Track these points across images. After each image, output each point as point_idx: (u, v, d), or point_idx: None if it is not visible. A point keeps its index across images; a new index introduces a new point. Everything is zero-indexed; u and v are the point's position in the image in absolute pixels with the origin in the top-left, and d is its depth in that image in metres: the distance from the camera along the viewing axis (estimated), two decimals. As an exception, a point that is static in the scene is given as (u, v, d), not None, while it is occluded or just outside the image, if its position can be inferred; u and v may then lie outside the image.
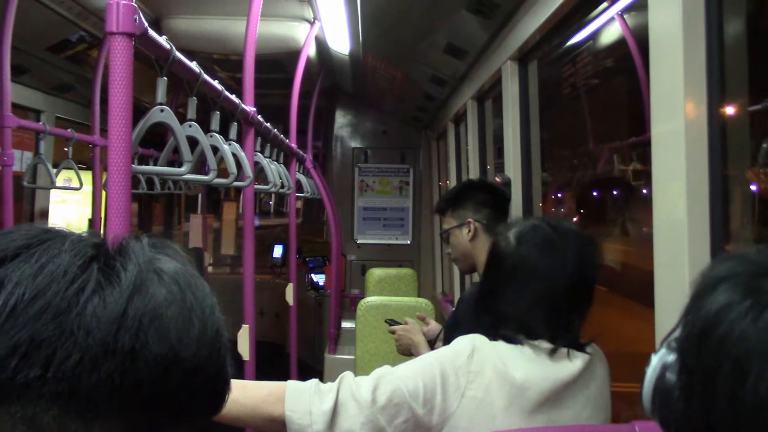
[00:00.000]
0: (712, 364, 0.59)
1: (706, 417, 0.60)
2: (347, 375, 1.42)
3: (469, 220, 2.27)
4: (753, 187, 1.45)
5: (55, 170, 3.36)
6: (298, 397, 1.38)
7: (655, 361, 0.69)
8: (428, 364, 1.41)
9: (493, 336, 1.45)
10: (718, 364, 0.59)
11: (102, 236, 0.61)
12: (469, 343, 1.41)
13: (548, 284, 1.43)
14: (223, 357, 0.62)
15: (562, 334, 1.42)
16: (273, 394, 1.39)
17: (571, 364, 1.40)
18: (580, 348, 1.43)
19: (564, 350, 1.41)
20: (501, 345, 1.42)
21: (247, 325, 2.41)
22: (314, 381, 1.42)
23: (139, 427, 0.56)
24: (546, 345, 1.41)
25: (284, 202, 8.64)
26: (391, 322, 2.49)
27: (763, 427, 0.55)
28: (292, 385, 1.40)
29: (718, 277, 0.62)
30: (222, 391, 0.62)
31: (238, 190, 7.38)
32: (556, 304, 1.42)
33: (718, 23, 1.24)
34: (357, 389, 1.37)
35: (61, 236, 0.58)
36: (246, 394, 1.40)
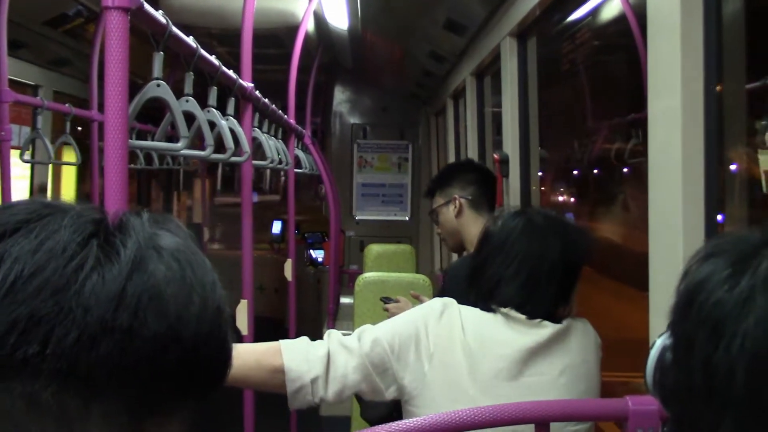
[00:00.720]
0: (691, 331, 0.62)
1: (688, 384, 0.62)
2: (333, 331, 1.52)
3: (455, 196, 2.34)
4: (732, 167, 1.48)
5: (52, 145, 3.36)
6: (294, 348, 1.47)
7: (659, 342, 0.72)
8: (405, 321, 1.50)
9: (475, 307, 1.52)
10: (696, 331, 0.61)
11: (102, 211, 0.60)
12: (441, 305, 1.50)
13: (525, 261, 1.50)
14: (224, 333, 0.61)
15: (534, 306, 1.48)
16: (271, 348, 1.47)
17: (539, 331, 1.46)
18: (554, 320, 1.48)
19: (535, 320, 1.47)
20: (468, 309, 1.51)
21: (246, 300, 2.43)
22: (305, 338, 1.52)
23: (138, 404, 0.56)
24: (515, 314, 1.47)
25: (274, 180, 8.65)
26: (386, 300, 2.54)
27: (733, 389, 0.57)
28: (286, 341, 1.50)
29: (708, 253, 0.64)
30: (224, 367, 0.62)
31: (210, 167, 7.36)
32: (533, 279, 1.49)
33: (716, 1, 1.24)
34: (344, 340, 1.48)
35: (61, 211, 0.57)
36: (246, 349, 1.50)
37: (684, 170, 1.24)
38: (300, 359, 1.44)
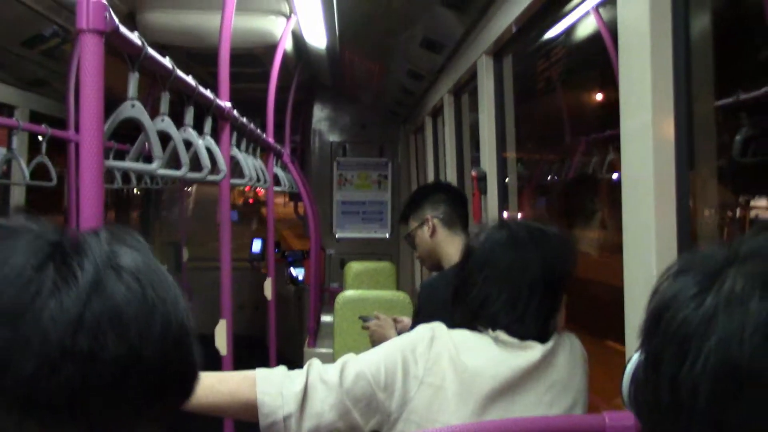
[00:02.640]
0: (659, 348, 0.62)
1: (656, 400, 0.63)
2: (315, 361, 1.47)
3: (428, 217, 2.36)
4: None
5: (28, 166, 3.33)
6: (269, 381, 1.42)
7: (635, 357, 0.73)
8: (391, 350, 1.45)
9: (460, 327, 1.49)
10: (663, 348, 0.62)
11: (60, 232, 0.59)
12: (430, 331, 1.46)
13: (508, 278, 1.47)
14: (188, 351, 0.61)
15: (523, 325, 1.45)
16: (246, 379, 1.43)
17: (529, 353, 1.43)
18: (542, 339, 1.46)
19: (525, 342, 1.44)
20: (458, 333, 1.47)
21: (225, 320, 2.41)
22: (283, 367, 1.47)
23: (103, 428, 0.55)
24: (504, 336, 1.44)
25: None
26: (365, 319, 2.56)
27: (697, 406, 0.58)
28: (262, 371, 1.45)
29: (677, 270, 0.65)
30: (189, 385, 0.62)
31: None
32: (517, 298, 1.46)
33: (684, 19, 1.26)
34: (325, 373, 1.42)
35: (15, 234, 0.56)
36: (221, 380, 1.45)
37: (656, 186, 1.26)
38: (274, 393, 1.40)
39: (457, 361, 1.41)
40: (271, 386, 1.41)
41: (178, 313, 0.59)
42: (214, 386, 1.41)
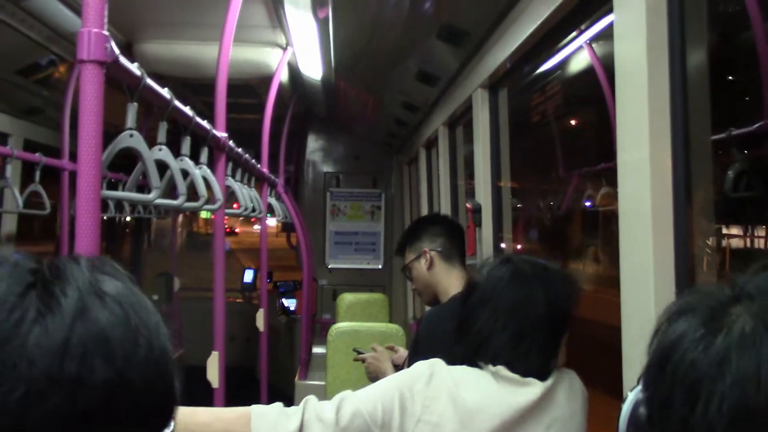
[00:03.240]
0: (667, 391, 0.61)
1: None
2: (311, 398, 1.45)
3: (425, 249, 2.35)
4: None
5: (22, 194, 3.32)
6: (264, 419, 1.40)
7: (631, 396, 0.71)
8: (388, 388, 1.44)
9: (460, 363, 1.47)
10: (672, 391, 0.61)
11: (38, 261, 0.59)
12: (428, 368, 1.45)
13: (513, 313, 1.47)
14: (171, 374, 0.61)
15: (524, 362, 1.44)
16: (241, 417, 1.40)
17: (529, 390, 1.42)
18: (542, 376, 1.45)
19: (525, 378, 1.43)
20: (458, 370, 1.46)
21: (217, 352, 2.39)
22: (279, 404, 1.44)
23: None
24: (505, 372, 1.43)
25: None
26: (358, 352, 2.55)
27: None
28: (257, 408, 1.42)
29: (679, 310, 0.65)
30: (170, 408, 0.61)
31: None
32: (521, 334, 1.45)
33: (681, 54, 1.27)
34: (321, 411, 1.40)
35: None
36: (216, 417, 1.43)
37: (654, 220, 1.26)
38: (268, 430, 1.38)
39: (457, 397, 1.39)
40: (266, 424, 1.39)
41: (160, 338, 0.60)
42: (210, 424, 1.39)
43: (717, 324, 0.60)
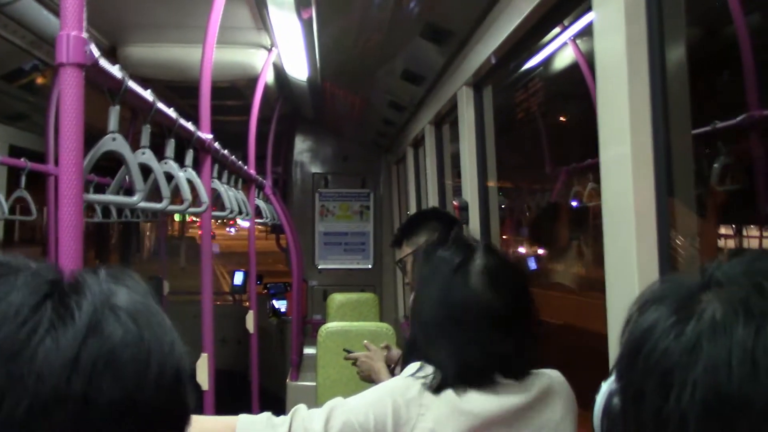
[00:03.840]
0: (639, 381, 0.61)
1: None
2: (300, 408, 1.41)
3: (422, 244, 2.33)
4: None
5: (7, 200, 3.31)
6: (250, 431, 1.37)
7: (604, 387, 0.71)
8: (380, 396, 1.40)
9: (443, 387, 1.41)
10: (644, 381, 0.60)
11: (59, 271, 0.58)
12: (421, 374, 1.41)
13: (488, 322, 1.41)
14: (183, 397, 0.60)
15: (509, 366, 1.41)
16: (227, 429, 1.38)
17: (524, 392, 1.40)
18: (526, 374, 1.43)
19: (520, 379, 1.41)
20: None
21: (206, 354, 2.39)
22: (266, 414, 1.41)
23: None
24: (499, 378, 1.40)
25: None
26: (348, 351, 2.54)
27: None
28: (244, 418, 1.40)
29: (650, 299, 0.64)
30: (180, 429, 0.60)
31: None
32: (483, 342, 1.40)
33: (660, 50, 1.28)
34: (309, 422, 1.37)
35: (15, 270, 0.55)
36: (202, 427, 1.40)
37: (636, 215, 1.27)
38: None
39: (456, 403, 1.36)
40: None
41: (173, 357, 0.58)
42: None
43: (687, 312, 0.60)
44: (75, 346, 0.52)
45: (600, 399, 0.71)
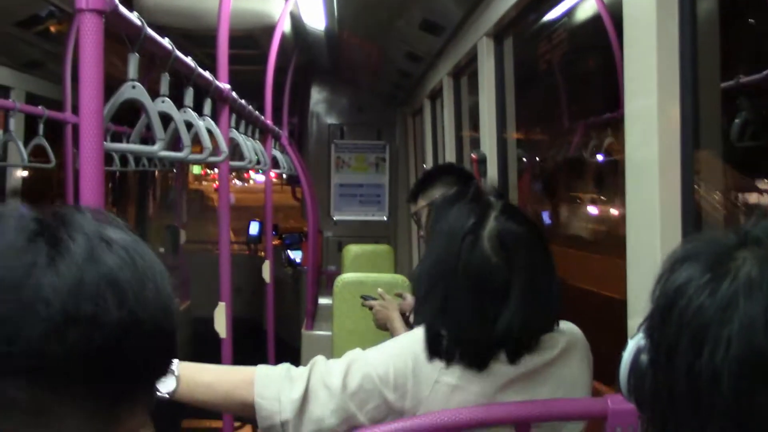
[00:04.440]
0: (673, 338, 0.61)
1: (670, 390, 0.62)
2: (319, 360, 1.40)
3: (436, 198, 2.32)
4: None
5: (25, 147, 3.32)
6: (268, 384, 1.36)
7: (632, 344, 0.71)
8: (401, 348, 1.38)
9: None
10: (678, 337, 0.61)
11: (42, 211, 0.60)
12: None
13: (501, 287, 1.33)
14: (176, 319, 0.63)
15: (532, 331, 1.36)
16: (245, 379, 1.38)
17: (547, 352, 1.37)
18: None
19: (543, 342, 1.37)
20: None
21: (224, 303, 2.41)
22: (285, 366, 1.40)
23: (109, 392, 0.56)
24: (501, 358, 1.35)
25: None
26: (366, 298, 2.55)
27: (718, 395, 0.57)
28: (262, 370, 1.39)
29: (683, 256, 0.64)
30: (173, 351, 0.63)
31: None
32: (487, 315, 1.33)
33: (690, 1, 1.25)
34: (328, 376, 1.35)
35: (1, 215, 0.57)
36: (219, 378, 1.40)
37: (660, 168, 1.26)
38: (272, 397, 1.34)
39: None
40: (268, 390, 1.35)
41: (165, 283, 0.61)
42: (212, 385, 1.38)
43: (723, 269, 0.60)
44: (76, 272, 0.54)
45: (627, 355, 0.71)
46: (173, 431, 4.93)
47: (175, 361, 1.38)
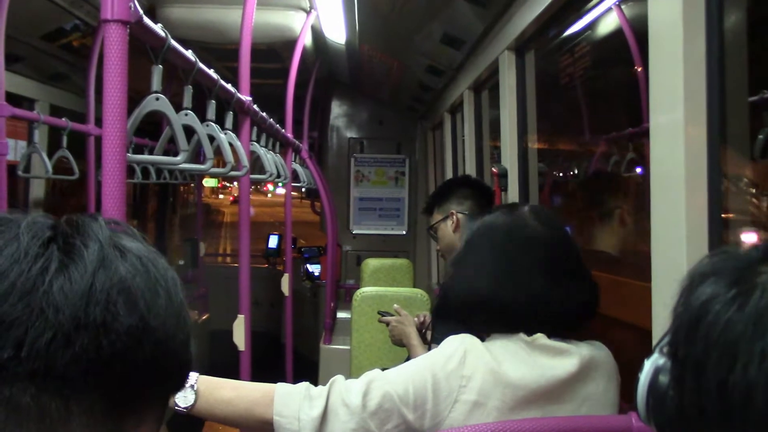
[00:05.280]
0: (701, 354, 0.60)
1: (699, 408, 0.60)
2: (338, 379, 1.40)
3: (452, 211, 2.35)
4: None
5: (49, 159, 3.35)
6: (287, 402, 1.36)
7: (648, 365, 0.70)
8: (419, 368, 1.38)
9: (479, 332, 1.42)
10: (707, 353, 0.60)
11: (55, 218, 0.61)
12: (460, 345, 1.38)
13: (545, 256, 1.42)
14: (189, 328, 0.63)
15: (557, 328, 1.39)
16: (265, 397, 1.37)
17: (568, 361, 1.36)
18: (576, 339, 1.40)
19: (561, 345, 1.38)
20: (494, 344, 1.40)
21: (243, 316, 2.41)
22: (305, 385, 1.40)
23: (116, 401, 0.56)
24: (543, 341, 1.38)
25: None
26: (383, 314, 2.56)
27: (752, 410, 0.56)
28: (282, 388, 1.39)
29: (705, 272, 0.64)
30: (188, 362, 0.63)
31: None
32: (554, 279, 1.40)
33: (718, 15, 1.23)
34: (347, 394, 1.35)
35: (15, 221, 0.58)
36: (239, 395, 1.40)
37: (687, 183, 1.23)
38: (291, 416, 1.34)
39: (499, 372, 1.33)
40: (288, 408, 1.35)
41: (177, 291, 0.62)
42: (232, 401, 1.37)
43: (749, 284, 0.59)
44: (87, 278, 0.55)
45: (644, 376, 0.70)
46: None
47: (195, 375, 1.38)
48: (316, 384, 1.42)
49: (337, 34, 4.11)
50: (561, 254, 1.43)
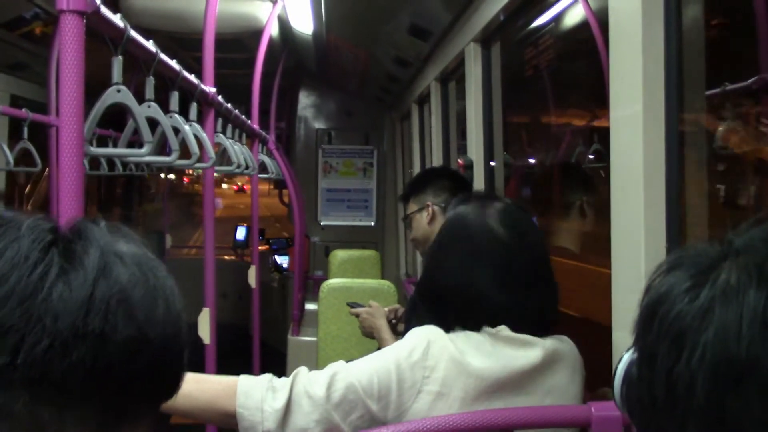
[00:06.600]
0: (654, 344, 0.62)
1: (651, 397, 0.62)
2: (301, 371, 1.40)
3: (428, 203, 2.33)
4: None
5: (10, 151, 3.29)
6: (250, 394, 1.35)
7: (626, 357, 0.72)
8: (383, 360, 1.38)
9: (448, 325, 1.42)
10: (658, 344, 0.61)
11: (55, 221, 0.60)
12: (424, 337, 1.38)
13: (507, 262, 1.42)
14: (185, 337, 0.63)
15: (522, 320, 1.40)
16: (228, 389, 1.37)
17: (532, 353, 1.37)
18: (542, 334, 1.41)
19: (525, 337, 1.38)
20: (458, 335, 1.40)
21: (208, 308, 2.39)
22: (268, 376, 1.40)
23: (111, 410, 0.56)
24: (506, 332, 1.38)
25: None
26: (353, 305, 2.53)
27: (693, 401, 0.57)
28: (244, 380, 1.38)
29: (669, 266, 0.65)
30: (182, 372, 0.63)
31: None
32: (514, 285, 1.41)
33: (676, 8, 1.25)
34: (311, 386, 1.35)
35: (15, 221, 0.57)
36: (201, 388, 1.39)
37: (645, 176, 1.25)
38: (254, 407, 1.34)
39: (462, 364, 1.34)
40: (251, 400, 1.35)
41: (176, 301, 0.62)
42: (193, 394, 1.35)
43: (704, 277, 0.60)
44: (88, 287, 0.54)
45: (621, 367, 0.72)
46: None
47: None
48: (283, 376, 1.42)
49: (304, 24, 4.08)
50: (521, 262, 1.43)
